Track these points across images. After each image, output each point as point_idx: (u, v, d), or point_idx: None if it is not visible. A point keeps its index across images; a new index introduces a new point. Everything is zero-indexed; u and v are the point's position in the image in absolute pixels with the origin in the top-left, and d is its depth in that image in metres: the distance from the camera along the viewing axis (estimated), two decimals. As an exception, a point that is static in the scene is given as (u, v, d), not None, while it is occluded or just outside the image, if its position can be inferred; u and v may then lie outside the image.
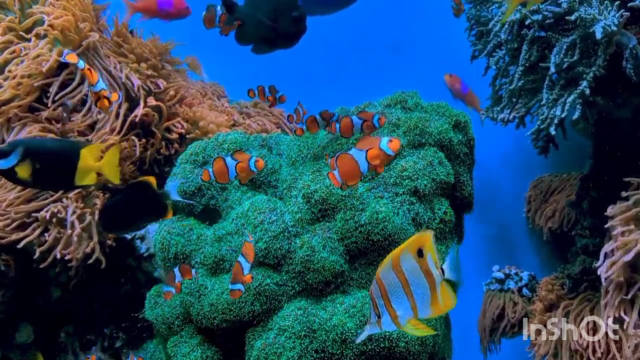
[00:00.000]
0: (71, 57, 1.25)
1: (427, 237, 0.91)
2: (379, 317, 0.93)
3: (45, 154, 1.18)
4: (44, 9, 1.66)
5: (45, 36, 1.67)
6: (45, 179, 1.20)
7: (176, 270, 1.29)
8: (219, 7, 1.49)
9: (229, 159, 1.26)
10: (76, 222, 1.51)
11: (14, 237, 1.51)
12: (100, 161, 1.22)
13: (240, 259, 1.18)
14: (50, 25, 1.65)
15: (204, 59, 2.15)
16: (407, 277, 0.91)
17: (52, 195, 1.54)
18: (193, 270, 1.30)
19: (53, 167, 1.18)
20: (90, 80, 1.25)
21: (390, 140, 1.10)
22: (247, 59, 1.67)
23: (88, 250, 1.53)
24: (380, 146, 1.10)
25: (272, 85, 1.55)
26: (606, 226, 1.48)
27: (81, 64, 1.25)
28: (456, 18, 1.83)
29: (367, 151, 1.10)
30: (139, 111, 1.69)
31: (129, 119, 1.69)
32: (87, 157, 1.19)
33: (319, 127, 1.38)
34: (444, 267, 0.91)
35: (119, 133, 1.66)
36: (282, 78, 2.06)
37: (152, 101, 1.74)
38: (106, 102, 1.26)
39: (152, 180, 1.25)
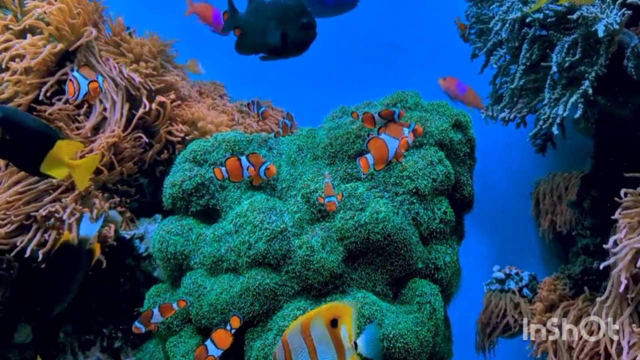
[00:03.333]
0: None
1: (347, 310, 0.90)
2: None
3: (20, 129, 1.15)
4: (40, 4, 1.66)
5: (41, 32, 1.67)
6: (11, 153, 1.18)
7: (156, 310, 1.28)
8: None
9: (244, 159, 1.25)
10: (74, 225, 1.50)
11: (19, 243, 1.50)
12: (75, 160, 1.20)
13: (208, 343, 1.16)
14: (44, 21, 1.65)
15: (204, 56, 2.14)
16: (315, 343, 0.89)
17: (50, 195, 1.54)
18: (174, 304, 1.29)
19: (22, 144, 1.16)
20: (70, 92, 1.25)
21: (410, 132, 1.16)
22: (247, 58, 1.67)
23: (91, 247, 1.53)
24: (405, 135, 1.15)
25: (257, 101, 1.55)
26: (613, 217, 1.47)
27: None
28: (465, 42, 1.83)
29: (399, 139, 1.14)
30: (151, 106, 1.70)
31: (137, 115, 1.68)
32: (62, 150, 1.17)
33: (375, 125, 1.33)
34: (358, 341, 0.90)
35: (124, 130, 1.66)
36: (282, 78, 2.07)
37: (160, 99, 1.74)
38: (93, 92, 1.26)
39: (66, 237, 1.24)
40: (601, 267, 1.40)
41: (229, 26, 1.39)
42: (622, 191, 1.46)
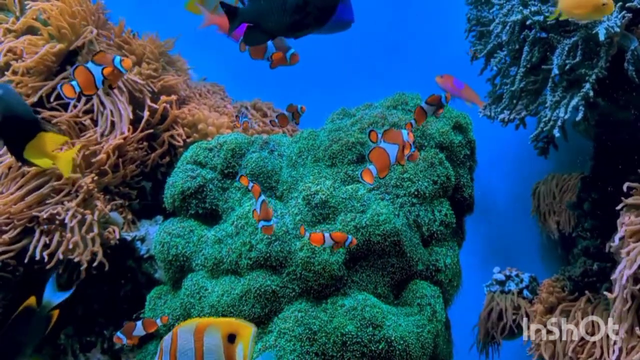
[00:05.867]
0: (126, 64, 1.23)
1: (247, 330, 0.90)
2: None
3: (7, 112, 1.19)
4: (41, 3, 1.66)
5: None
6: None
7: (139, 323, 1.27)
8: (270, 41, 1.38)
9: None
10: (76, 228, 1.51)
11: (31, 248, 1.51)
12: (57, 152, 1.24)
13: None
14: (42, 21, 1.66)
15: (206, 57, 2.15)
16: (204, 350, 0.89)
17: (52, 198, 1.54)
18: (157, 320, 1.29)
19: (6, 128, 1.20)
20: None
21: (408, 132, 1.17)
22: (247, 59, 1.67)
23: (96, 249, 1.53)
24: (405, 139, 1.15)
25: (239, 115, 1.55)
26: (617, 208, 1.46)
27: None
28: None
29: (398, 144, 1.15)
30: (156, 105, 1.70)
31: (144, 118, 1.69)
32: (43, 141, 1.21)
33: (427, 116, 1.31)
34: None
35: (133, 131, 1.68)
36: (282, 78, 2.06)
37: (165, 98, 1.74)
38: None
39: (30, 301, 1.28)
40: (617, 273, 1.39)
41: (235, 26, 1.33)
42: (626, 185, 1.46)
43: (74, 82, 1.19)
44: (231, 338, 0.89)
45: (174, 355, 0.90)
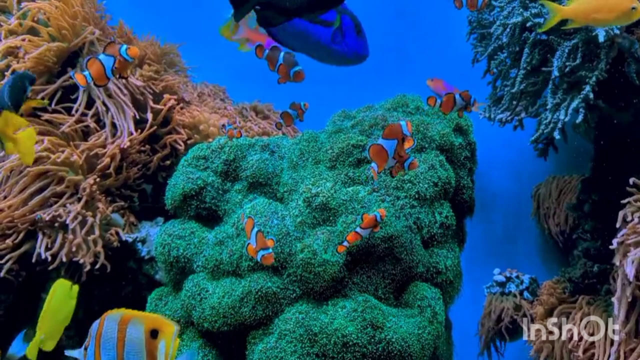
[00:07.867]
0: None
1: (169, 327, 0.90)
2: (85, 348, 0.93)
3: None
4: (41, 4, 1.67)
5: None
6: None
7: None
8: (282, 54, 1.35)
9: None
10: (77, 229, 1.51)
11: (39, 248, 1.51)
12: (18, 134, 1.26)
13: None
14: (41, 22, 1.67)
15: (207, 58, 2.15)
16: (126, 340, 0.90)
17: (55, 203, 1.54)
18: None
19: None
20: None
21: (406, 123, 1.17)
22: (248, 60, 1.68)
23: (98, 249, 1.53)
24: (404, 131, 1.16)
25: (232, 120, 1.56)
26: (623, 202, 1.46)
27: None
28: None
29: (396, 141, 1.16)
30: (168, 106, 1.73)
31: (149, 122, 1.69)
32: (4, 121, 1.23)
33: (455, 105, 1.31)
34: None
35: (140, 133, 1.67)
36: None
37: (168, 97, 1.75)
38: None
39: None
40: (597, 273, 1.39)
41: (246, 10, 1.28)
42: (631, 180, 1.46)
43: (86, 73, 1.20)
44: (154, 333, 0.90)
45: (98, 340, 0.91)
